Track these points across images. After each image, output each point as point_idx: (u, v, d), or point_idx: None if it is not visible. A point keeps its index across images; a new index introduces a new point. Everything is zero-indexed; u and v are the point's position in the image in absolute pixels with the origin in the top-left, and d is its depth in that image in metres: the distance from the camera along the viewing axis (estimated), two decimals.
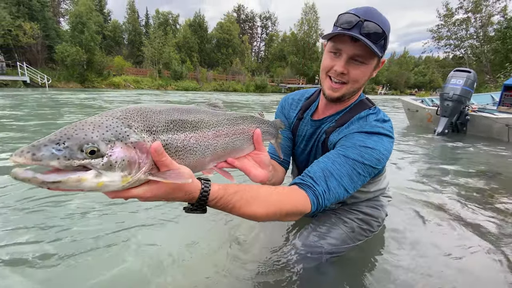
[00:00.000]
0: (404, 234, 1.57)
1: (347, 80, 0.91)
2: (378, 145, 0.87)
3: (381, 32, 0.83)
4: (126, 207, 1.78)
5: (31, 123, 4.90)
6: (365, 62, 0.88)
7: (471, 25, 20.42)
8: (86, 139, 0.42)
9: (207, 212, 0.63)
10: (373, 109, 1.00)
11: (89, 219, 1.64)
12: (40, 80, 21.35)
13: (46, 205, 1.77)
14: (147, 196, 0.51)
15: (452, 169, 3.06)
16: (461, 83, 4.96)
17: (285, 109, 1.23)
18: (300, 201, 0.75)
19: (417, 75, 64.35)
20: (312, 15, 44.80)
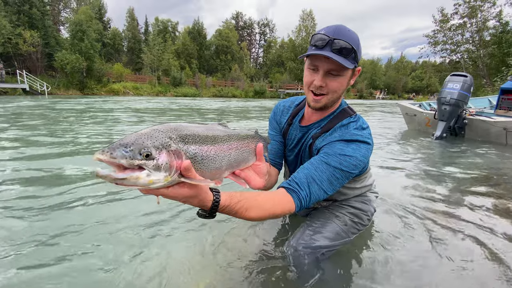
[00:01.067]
0: (400, 235, 1.57)
1: (326, 92, 1.03)
2: (356, 152, 0.99)
3: (350, 47, 0.95)
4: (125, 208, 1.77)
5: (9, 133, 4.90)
6: (340, 74, 0.99)
7: (466, 30, 20.68)
8: (143, 145, 0.55)
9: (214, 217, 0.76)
10: (354, 117, 1.12)
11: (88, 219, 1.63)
12: (39, 88, 21.43)
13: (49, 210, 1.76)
14: (171, 195, 0.62)
15: (451, 172, 3.06)
16: (458, 87, 5.00)
17: (277, 116, 1.35)
18: (287, 205, 0.91)
19: (414, 80, 64.92)
20: (309, 21, 45.41)
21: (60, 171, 2.66)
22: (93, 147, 3.72)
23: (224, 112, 11.42)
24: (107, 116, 7.97)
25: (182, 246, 1.42)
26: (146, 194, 0.60)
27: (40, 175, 2.51)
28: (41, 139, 4.19)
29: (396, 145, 4.68)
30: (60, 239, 1.48)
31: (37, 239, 1.47)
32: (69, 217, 1.73)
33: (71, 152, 3.43)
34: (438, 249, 1.48)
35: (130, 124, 6.42)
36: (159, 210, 1.81)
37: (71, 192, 2.12)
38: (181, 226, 1.64)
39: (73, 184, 2.29)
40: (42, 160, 3.03)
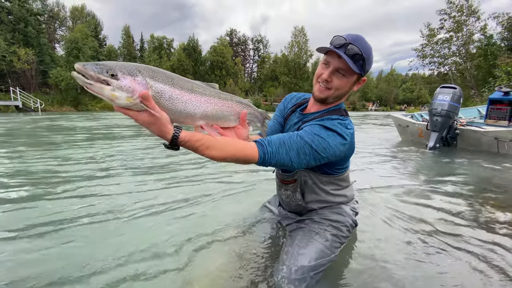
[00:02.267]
0: (394, 246, 1.55)
1: (330, 86, 1.14)
2: (329, 138, 1.06)
3: (360, 54, 1.05)
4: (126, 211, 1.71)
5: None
6: (346, 75, 1.10)
7: (453, 44, 21.46)
8: (111, 68, 0.71)
9: (179, 150, 0.86)
10: (343, 118, 1.17)
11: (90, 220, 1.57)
12: (32, 105, 21.30)
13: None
14: (134, 117, 0.76)
15: (445, 182, 3.07)
16: (448, 99, 5.12)
17: (286, 101, 1.47)
18: (250, 153, 0.97)
19: (405, 92, 66.39)
20: (301, 37, 46.60)
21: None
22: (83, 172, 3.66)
23: None
24: (100, 134, 7.90)
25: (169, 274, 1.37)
26: (120, 112, 0.75)
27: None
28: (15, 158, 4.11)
29: (391, 156, 4.71)
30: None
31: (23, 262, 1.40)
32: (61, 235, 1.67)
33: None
34: (433, 260, 1.46)
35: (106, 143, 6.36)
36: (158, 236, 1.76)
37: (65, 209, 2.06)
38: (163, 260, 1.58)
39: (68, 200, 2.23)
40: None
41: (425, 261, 1.48)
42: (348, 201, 1.45)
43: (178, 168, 3.52)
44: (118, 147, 5.18)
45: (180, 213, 2.07)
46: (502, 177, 3.39)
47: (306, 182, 1.33)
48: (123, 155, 4.36)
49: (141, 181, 2.90)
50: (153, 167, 3.56)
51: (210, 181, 2.95)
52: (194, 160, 3.88)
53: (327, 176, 1.31)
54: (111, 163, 3.75)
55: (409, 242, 1.67)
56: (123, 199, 2.35)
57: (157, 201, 2.29)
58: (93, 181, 2.86)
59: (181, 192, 2.57)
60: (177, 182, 2.89)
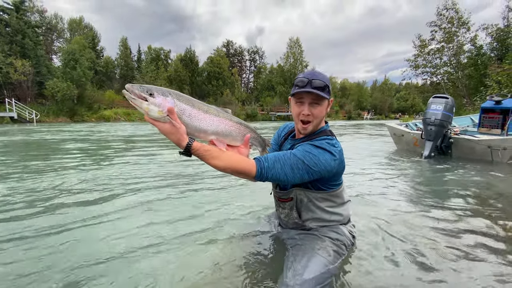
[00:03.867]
0: (391, 255, 1.54)
1: (312, 119, 1.31)
2: (320, 155, 1.21)
3: (324, 84, 1.25)
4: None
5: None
6: (319, 104, 1.29)
7: (444, 54, 21.98)
8: (150, 89, 0.97)
9: (190, 157, 1.06)
10: (329, 137, 1.33)
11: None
12: (28, 116, 21.19)
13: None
14: (161, 128, 0.99)
15: (441, 190, 3.10)
16: (441, 108, 5.22)
17: (280, 131, 1.68)
18: (248, 167, 1.12)
19: (399, 100, 67.47)
20: (297, 48, 47.50)
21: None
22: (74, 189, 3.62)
23: None
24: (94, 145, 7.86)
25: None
26: (149, 123, 0.98)
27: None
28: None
29: (387, 165, 4.75)
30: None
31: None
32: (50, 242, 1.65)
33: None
34: (425, 268, 1.46)
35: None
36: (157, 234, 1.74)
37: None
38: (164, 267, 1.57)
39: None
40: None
41: (423, 271, 1.48)
42: (345, 222, 1.52)
43: (179, 175, 3.51)
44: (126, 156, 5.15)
45: (171, 219, 2.05)
46: (497, 185, 3.43)
47: (302, 201, 1.41)
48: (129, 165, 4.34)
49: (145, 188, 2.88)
50: (164, 178, 3.54)
51: (207, 188, 2.94)
52: (194, 169, 3.86)
53: (321, 192, 1.38)
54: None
55: (407, 253, 1.67)
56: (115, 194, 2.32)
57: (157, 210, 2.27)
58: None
59: (172, 198, 2.55)
60: (178, 189, 2.88)
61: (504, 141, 4.89)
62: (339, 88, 63.32)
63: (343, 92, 62.02)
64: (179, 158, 4.70)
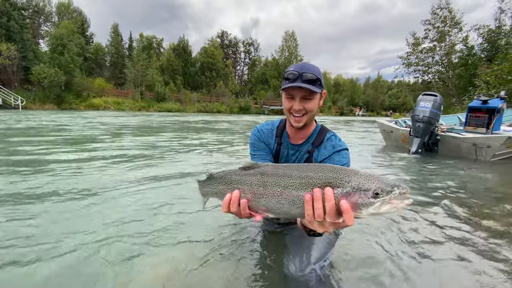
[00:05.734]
0: (375, 248, 1.58)
1: (304, 112, 1.26)
2: (347, 157, 1.28)
3: (315, 77, 1.19)
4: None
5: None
6: (311, 98, 1.23)
7: (436, 53, 22.26)
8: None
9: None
10: (330, 133, 1.38)
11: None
12: (13, 102, 20.49)
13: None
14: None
15: (426, 185, 3.17)
16: (429, 106, 5.31)
17: (263, 138, 1.46)
18: None
19: (391, 98, 68.28)
20: (292, 42, 47.25)
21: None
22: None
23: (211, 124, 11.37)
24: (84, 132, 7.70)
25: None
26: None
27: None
28: None
29: (375, 160, 4.82)
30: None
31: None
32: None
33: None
34: (411, 263, 1.50)
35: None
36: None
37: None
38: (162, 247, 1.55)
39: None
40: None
41: (404, 262, 1.52)
42: None
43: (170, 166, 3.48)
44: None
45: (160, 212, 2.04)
46: (478, 181, 3.53)
47: None
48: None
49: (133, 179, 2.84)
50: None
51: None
52: (180, 158, 3.83)
53: None
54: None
55: (389, 244, 1.71)
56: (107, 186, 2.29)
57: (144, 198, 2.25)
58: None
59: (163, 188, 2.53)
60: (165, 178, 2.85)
61: (489, 139, 5.03)
62: (333, 83, 63.61)
63: (337, 88, 62.32)
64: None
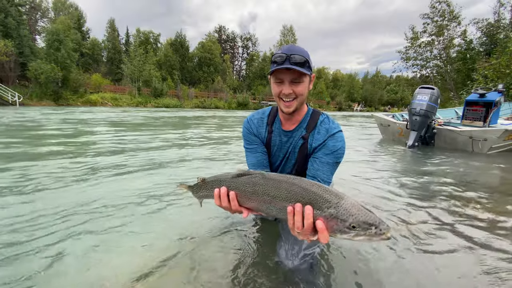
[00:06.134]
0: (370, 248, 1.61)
1: (294, 96, 1.21)
2: (342, 140, 1.26)
3: (304, 59, 1.15)
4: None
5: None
6: (301, 81, 1.19)
7: (435, 47, 22.22)
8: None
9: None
10: (323, 115, 1.35)
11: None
12: (10, 98, 20.37)
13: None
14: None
15: (422, 179, 3.20)
16: (426, 99, 5.33)
17: (253, 129, 1.42)
18: None
19: (389, 93, 68.22)
20: (290, 36, 46.99)
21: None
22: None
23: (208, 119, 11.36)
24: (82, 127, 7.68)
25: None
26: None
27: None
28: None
29: (371, 154, 4.85)
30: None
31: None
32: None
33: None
34: (405, 255, 1.54)
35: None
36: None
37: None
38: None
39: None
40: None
41: (398, 254, 1.55)
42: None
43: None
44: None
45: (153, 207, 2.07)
46: (474, 173, 3.58)
47: None
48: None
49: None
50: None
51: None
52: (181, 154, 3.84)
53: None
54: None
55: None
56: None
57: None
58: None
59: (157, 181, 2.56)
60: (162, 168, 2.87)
61: (485, 132, 5.06)
62: (331, 79, 63.41)
63: (335, 83, 62.17)
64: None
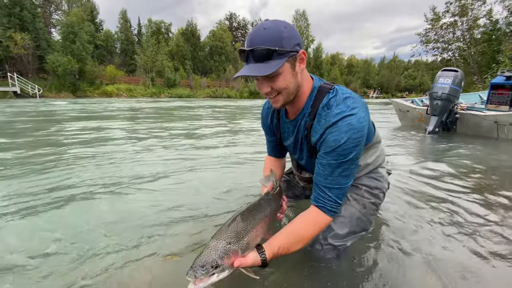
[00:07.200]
0: (402, 233, 1.57)
1: (277, 92, 0.97)
2: (349, 132, 0.92)
3: (269, 50, 0.87)
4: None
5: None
6: (276, 74, 0.91)
7: (457, 29, 20.98)
8: (212, 261, 0.83)
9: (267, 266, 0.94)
10: (332, 92, 1.01)
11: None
12: (31, 91, 21.14)
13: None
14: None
15: (443, 166, 3.08)
16: (449, 82, 5.06)
17: (265, 120, 1.35)
18: (319, 222, 1.02)
19: (407, 79, 65.60)
20: (303, 22, 45.64)
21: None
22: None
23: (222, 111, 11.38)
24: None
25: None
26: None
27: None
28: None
29: (390, 141, 4.71)
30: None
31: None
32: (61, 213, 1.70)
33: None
34: (433, 244, 1.49)
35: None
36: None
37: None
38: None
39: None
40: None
41: (427, 239, 1.51)
42: (381, 162, 1.36)
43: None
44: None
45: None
46: (499, 160, 3.41)
47: None
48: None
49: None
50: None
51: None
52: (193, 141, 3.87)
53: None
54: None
55: (416, 223, 1.70)
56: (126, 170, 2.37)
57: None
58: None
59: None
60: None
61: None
62: (346, 65, 61.55)
63: (350, 69, 60.34)
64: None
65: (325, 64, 51.21)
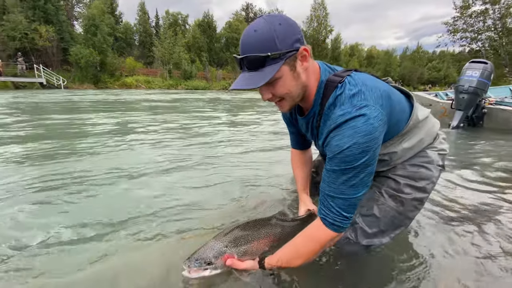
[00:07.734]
0: (424, 234, 1.53)
1: (279, 98, 0.91)
2: (353, 137, 0.79)
3: (260, 58, 0.79)
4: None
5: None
6: (274, 79, 0.83)
7: (489, 17, 19.62)
8: (207, 257, 0.97)
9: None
10: (340, 86, 0.88)
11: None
12: (56, 82, 22.05)
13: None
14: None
15: (469, 162, 2.94)
16: (477, 75, 4.77)
17: (284, 116, 1.27)
18: (318, 237, 0.92)
19: (431, 71, 62.43)
20: (321, 11, 44.27)
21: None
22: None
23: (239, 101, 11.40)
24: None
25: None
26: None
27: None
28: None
29: None
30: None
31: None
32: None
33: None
34: (460, 243, 1.44)
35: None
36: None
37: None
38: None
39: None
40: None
41: (452, 241, 1.46)
42: (431, 140, 1.13)
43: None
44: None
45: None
46: None
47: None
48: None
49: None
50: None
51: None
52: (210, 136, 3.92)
53: (390, 140, 1.03)
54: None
55: (440, 223, 1.64)
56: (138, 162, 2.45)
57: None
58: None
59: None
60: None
61: None
62: (365, 56, 59.46)
63: (369, 60, 58.26)
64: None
65: (344, 56, 49.74)
